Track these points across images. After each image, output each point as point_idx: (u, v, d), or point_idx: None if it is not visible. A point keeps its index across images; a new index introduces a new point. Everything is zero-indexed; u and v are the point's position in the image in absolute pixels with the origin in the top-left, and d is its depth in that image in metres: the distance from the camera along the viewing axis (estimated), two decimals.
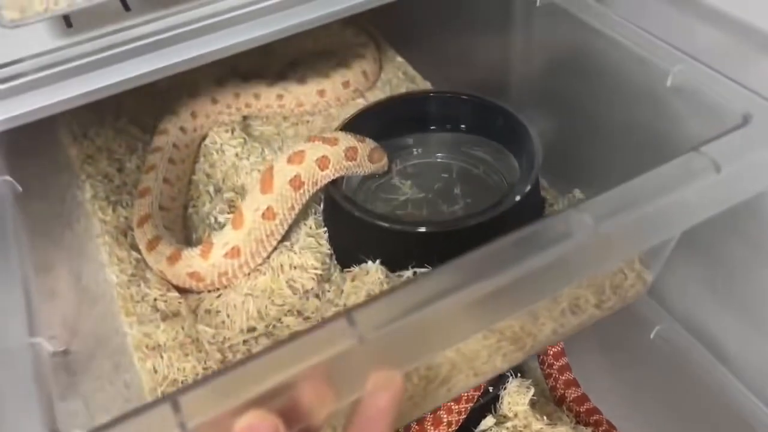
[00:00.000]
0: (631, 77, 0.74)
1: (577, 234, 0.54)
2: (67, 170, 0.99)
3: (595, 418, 0.90)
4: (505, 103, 0.87)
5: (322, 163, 0.78)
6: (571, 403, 0.93)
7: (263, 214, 0.77)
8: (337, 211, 0.81)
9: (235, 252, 0.78)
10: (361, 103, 1.11)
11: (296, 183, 0.78)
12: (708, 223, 0.57)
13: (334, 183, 0.81)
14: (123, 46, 0.62)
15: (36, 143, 1.03)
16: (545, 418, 0.87)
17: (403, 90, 1.12)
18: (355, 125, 0.90)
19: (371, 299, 0.46)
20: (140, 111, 1.10)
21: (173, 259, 0.80)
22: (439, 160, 0.95)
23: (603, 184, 0.87)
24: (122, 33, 0.64)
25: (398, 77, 1.14)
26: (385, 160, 0.85)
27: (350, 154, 0.80)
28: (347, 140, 0.80)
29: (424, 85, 1.13)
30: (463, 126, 0.93)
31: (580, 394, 0.94)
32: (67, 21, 0.67)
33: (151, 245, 0.82)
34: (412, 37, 1.19)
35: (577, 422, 0.91)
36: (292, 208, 0.79)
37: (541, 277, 0.52)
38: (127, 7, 0.67)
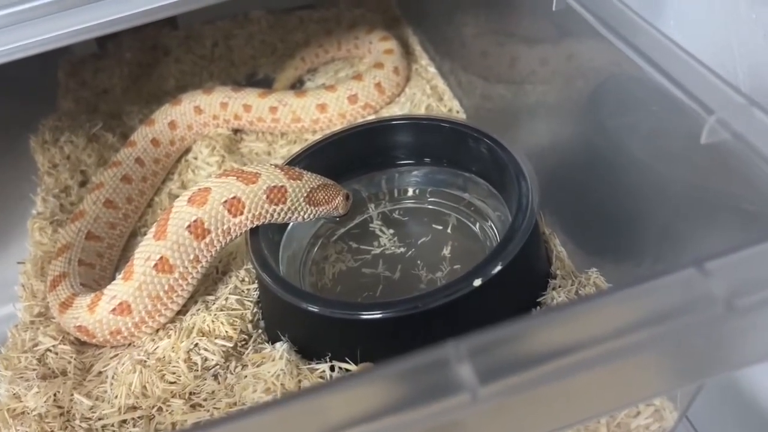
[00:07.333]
0: (664, 121, 0.49)
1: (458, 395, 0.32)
2: (27, 180, 0.89)
3: None
4: (495, 133, 0.64)
5: (234, 206, 0.60)
6: None
7: (156, 266, 0.60)
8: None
9: (124, 308, 0.61)
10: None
11: (197, 230, 0.60)
12: None
13: (256, 230, 0.63)
14: None
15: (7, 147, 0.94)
16: None
17: (422, 109, 0.90)
18: (315, 156, 0.71)
19: None
20: (119, 115, 0.98)
21: (65, 306, 0.65)
22: (431, 207, 0.73)
23: (633, 262, 0.61)
24: None
25: (424, 92, 0.93)
26: (337, 201, 0.65)
27: (275, 195, 0.61)
28: (272, 177, 0.61)
29: (452, 104, 0.91)
30: (445, 161, 0.71)
31: None
32: None
33: (54, 284, 0.68)
34: (451, 43, 0.97)
35: None
36: (196, 260, 0.61)
37: None
38: None
